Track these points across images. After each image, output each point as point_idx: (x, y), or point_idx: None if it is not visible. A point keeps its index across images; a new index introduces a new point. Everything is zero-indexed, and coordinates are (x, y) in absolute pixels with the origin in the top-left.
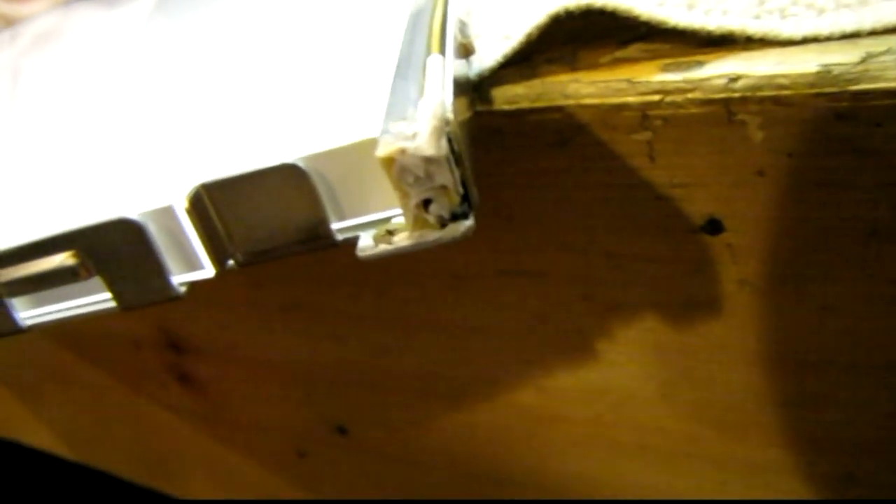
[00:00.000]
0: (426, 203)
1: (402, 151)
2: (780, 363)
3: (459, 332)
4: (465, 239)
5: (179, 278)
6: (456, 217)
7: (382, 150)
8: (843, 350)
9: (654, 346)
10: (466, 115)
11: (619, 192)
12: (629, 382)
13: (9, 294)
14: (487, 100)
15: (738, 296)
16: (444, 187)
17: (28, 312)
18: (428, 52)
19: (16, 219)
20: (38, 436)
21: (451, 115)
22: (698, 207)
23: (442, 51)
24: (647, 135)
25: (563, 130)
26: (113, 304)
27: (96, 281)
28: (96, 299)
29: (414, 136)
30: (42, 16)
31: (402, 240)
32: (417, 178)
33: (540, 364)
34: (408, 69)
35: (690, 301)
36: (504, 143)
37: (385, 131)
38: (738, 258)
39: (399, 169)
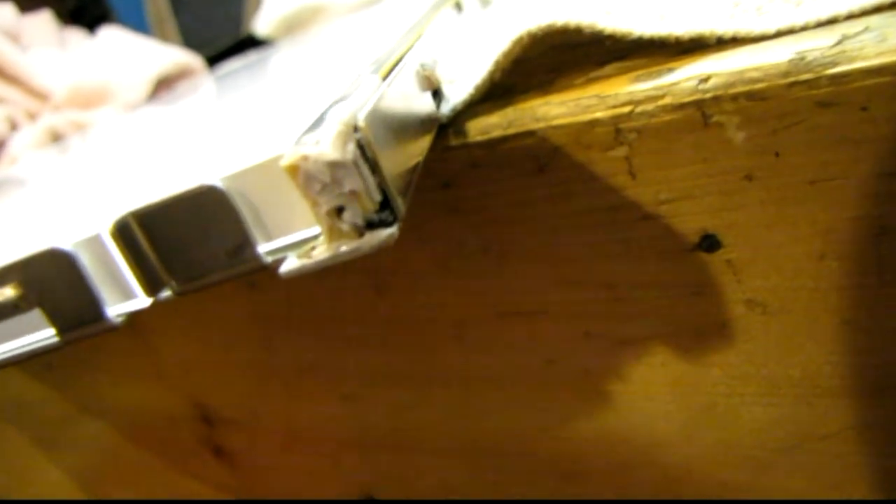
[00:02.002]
0: (340, 212)
1: (305, 158)
2: (806, 391)
3: (470, 383)
4: (387, 247)
5: (115, 309)
6: (374, 226)
7: (286, 159)
8: (874, 369)
9: (669, 382)
10: (422, 150)
11: (605, 216)
12: (650, 425)
13: None
14: (462, 133)
15: (748, 318)
16: (354, 193)
17: None
18: None
19: None
20: None
21: (361, 123)
22: (690, 223)
23: (382, 75)
24: (623, 150)
25: (539, 156)
26: (56, 339)
27: (40, 315)
28: (41, 336)
29: (318, 142)
30: (109, 120)
31: (320, 253)
32: (325, 185)
33: (555, 412)
34: (346, 95)
35: (699, 329)
36: (483, 176)
37: (294, 143)
38: (741, 275)
39: (304, 176)
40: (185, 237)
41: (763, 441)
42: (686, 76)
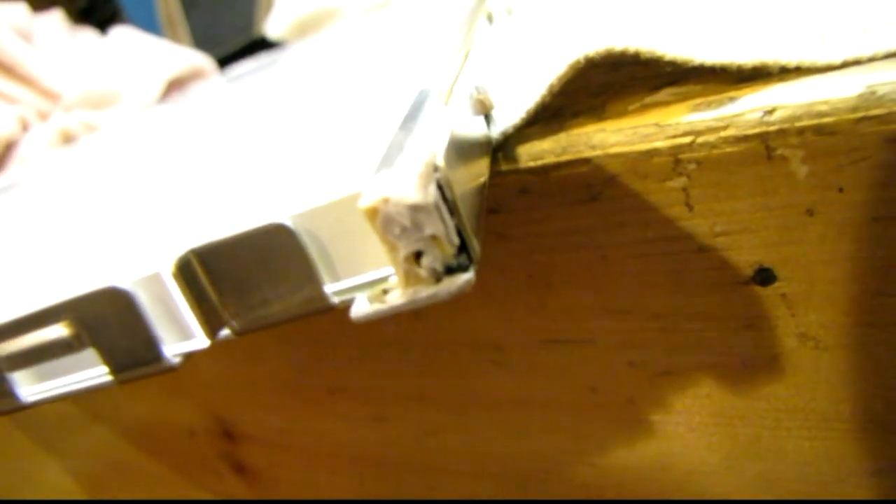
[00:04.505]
0: (418, 256)
1: (386, 200)
2: (857, 426)
3: (506, 408)
4: (463, 293)
5: (173, 349)
6: (452, 270)
7: (365, 201)
8: None
9: (714, 413)
10: (482, 176)
11: (658, 247)
12: (691, 456)
13: (8, 368)
14: (513, 159)
15: (800, 352)
16: (434, 237)
17: (30, 389)
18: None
19: (16, 294)
20: None
21: (441, 162)
22: (745, 257)
23: (447, 102)
24: (681, 181)
25: (592, 184)
26: (109, 377)
27: (94, 353)
28: (93, 373)
29: (398, 183)
30: (121, 121)
31: (395, 298)
32: (404, 229)
33: (593, 439)
34: (410, 123)
35: (748, 361)
36: (532, 203)
37: (371, 182)
38: (795, 309)
39: (384, 220)
40: (249, 276)
41: (807, 475)
42: (750, 107)
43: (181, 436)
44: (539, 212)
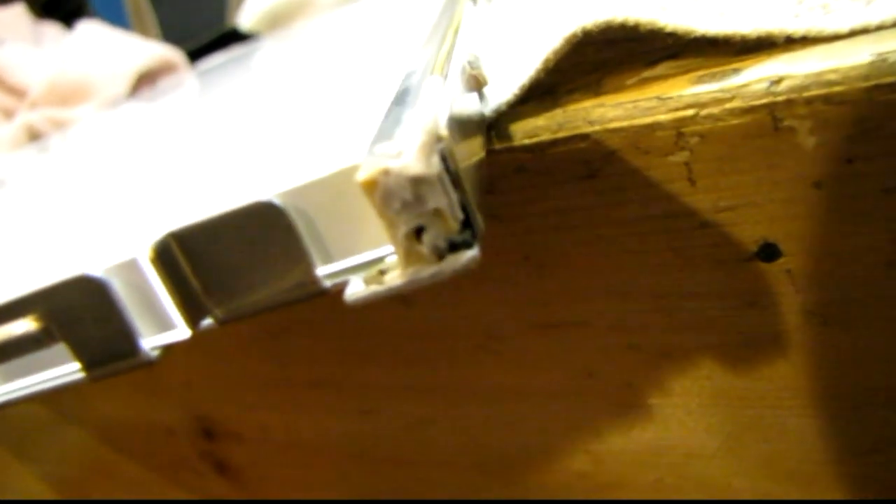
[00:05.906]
0: (419, 233)
1: (386, 172)
2: (861, 404)
3: (499, 397)
4: (468, 271)
5: (151, 341)
6: (456, 247)
7: (363, 174)
8: None
9: (714, 395)
10: (477, 155)
11: (659, 224)
12: (689, 439)
13: None
14: (506, 136)
15: (803, 329)
16: (437, 211)
17: None
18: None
19: None
20: None
21: (444, 132)
22: (749, 232)
23: (443, 74)
24: (684, 155)
25: (591, 160)
26: (81, 374)
27: (64, 349)
28: (65, 370)
29: (399, 154)
30: (88, 119)
31: (394, 279)
32: (405, 203)
33: (590, 426)
34: (405, 96)
35: (750, 340)
36: (527, 182)
37: (368, 154)
38: (799, 286)
39: (383, 193)
40: (233, 260)
41: (810, 454)
42: (756, 78)
43: (159, 435)
44: (534, 191)
